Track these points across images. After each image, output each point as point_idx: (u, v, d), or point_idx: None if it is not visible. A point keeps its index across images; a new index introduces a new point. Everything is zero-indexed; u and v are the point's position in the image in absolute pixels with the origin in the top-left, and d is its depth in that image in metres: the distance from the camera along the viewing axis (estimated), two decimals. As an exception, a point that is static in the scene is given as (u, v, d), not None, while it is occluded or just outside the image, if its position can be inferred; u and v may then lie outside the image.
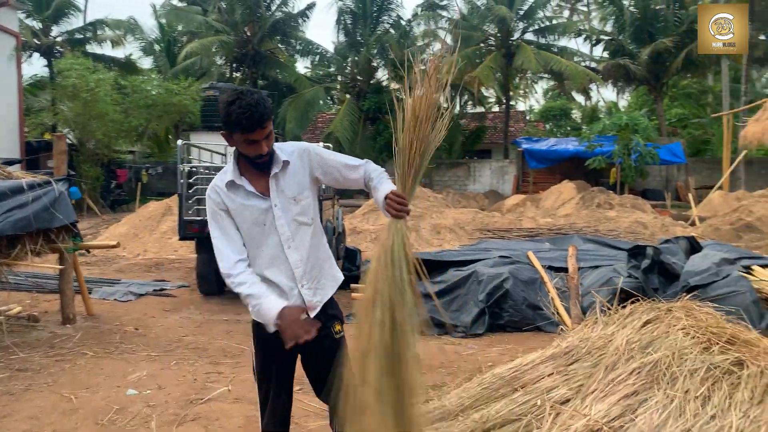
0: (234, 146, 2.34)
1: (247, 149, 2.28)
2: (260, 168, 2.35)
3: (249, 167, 2.36)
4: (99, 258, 10.31)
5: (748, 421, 2.50)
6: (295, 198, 2.38)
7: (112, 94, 18.65)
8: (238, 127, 2.22)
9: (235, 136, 2.27)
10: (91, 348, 5.37)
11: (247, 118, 2.19)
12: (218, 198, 2.35)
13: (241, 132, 2.23)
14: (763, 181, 19.76)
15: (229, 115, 2.21)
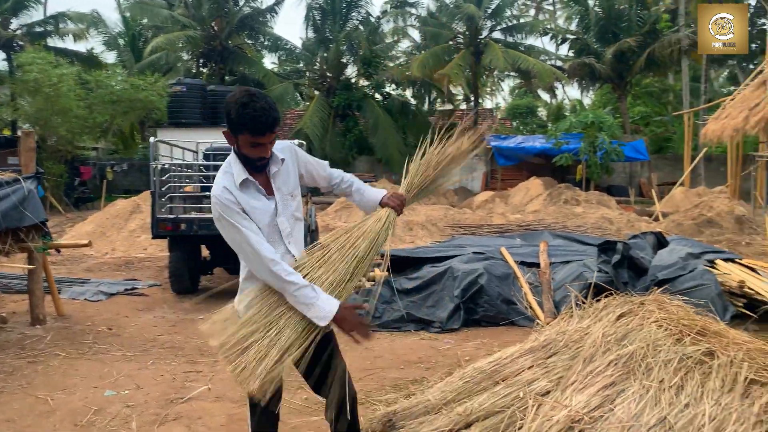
0: (234, 146, 2.34)
1: (252, 151, 2.29)
2: (259, 169, 2.38)
3: (247, 167, 2.38)
4: (66, 257, 10.10)
5: (720, 409, 2.62)
6: (291, 194, 2.46)
7: (76, 89, 18.21)
8: (249, 129, 2.22)
9: (241, 137, 2.27)
10: (63, 349, 5.28)
11: (260, 122, 2.21)
12: (233, 197, 2.31)
13: (250, 134, 2.24)
14: (722, 177, 20.38)
15: (240, 117, 2.21)
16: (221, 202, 2.30)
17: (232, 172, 2.35)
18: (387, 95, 27.34)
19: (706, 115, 19.89)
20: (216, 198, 2.31)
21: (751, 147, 18.96)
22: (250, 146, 2.28)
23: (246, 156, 2.33)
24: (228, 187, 2.32)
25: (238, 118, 2.21)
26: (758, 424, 2.57)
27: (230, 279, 8.46)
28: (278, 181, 2.42)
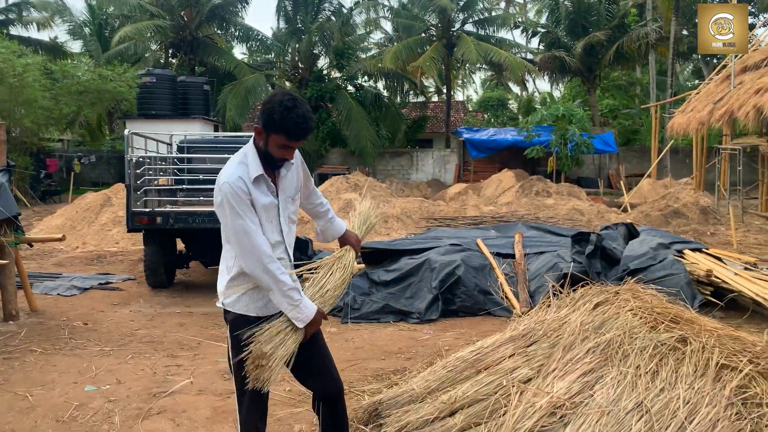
0: (261, 142, 2.37)
1: (279, 152, 2.36)
2: (273, 168, 2.43)
3: (263, 164, 2.42)
4: (36, 251, 9.89)
5: (693, 392, 2.74)
6: (292, 198, 2.53)
7: (41, 80, 17.76)
8: (287, 132, 2.30)
9: (275, 137, 2.33)
10: (39, 344, 5.21)
11: (301, 129, 2.29)
12: (245, 188, 2.33)
13: (286, 137, 2.31)
14: (688, 169, 20.92)
15: (283, 120, 2.27)
16: (233, 190, 2.31)
17: (248, 165, 2.38)
18: (360, 87, 27.28)
19: (673, 108, 20.37)
20: (229, 185, 2.32)
21: (716, 139, 19.50)
22: (279, 147, 2.35)
23: (269, 155, 2.38)
24: (243, 177, 2.35)
25: (281, 120, 2.28)
26: (729, 407, 2.70)
27: (206, 272, 8.43)
28: (284, 183, 2.49)
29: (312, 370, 2.58)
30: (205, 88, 20.96)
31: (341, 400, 2.65)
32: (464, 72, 37.87)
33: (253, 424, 2.47)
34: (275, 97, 2.33)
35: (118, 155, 24.38)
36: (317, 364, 2.58)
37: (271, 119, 2.31)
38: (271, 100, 2.33)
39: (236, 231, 2.33)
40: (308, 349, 2.55)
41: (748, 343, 3.12)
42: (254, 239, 2.33)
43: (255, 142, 2.42)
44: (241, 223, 2.32)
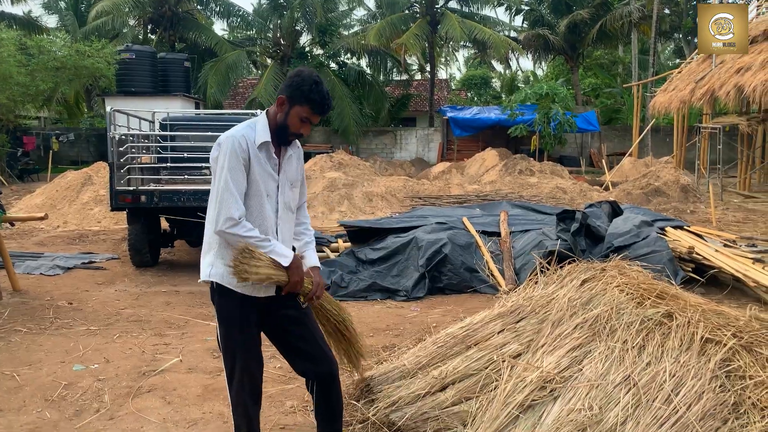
0: (281, 113, 2.39)
1: (298, 125, 2.39)
2: (285, 143, 2.44)
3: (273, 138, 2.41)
4: (16, 231, 9.74)
5: (679, 366, 2.81)
6: (292, 183, 2.52)
7: (16, 55, 17.31)
8: (313, 105, 2.34)
9: (298, 108, 2.36)
10: (23, 324, 5.16)
11: (326, 103, 2.36)
12: (246, 148, 2.33)
13: (310, 109, 2.35)
14: (668, 148, 21.12)
15: (311, 92, 2.33)
16: (232, 144, 2.32)
17: (255, 129, 2.38)
18: (343, 64, 27.01)
19: (654, 87, 20.51)
20: (231, 138, 2.33)
21: (696, 119, 19.69)
22: (300, 120, 2.38)
23: (285, 127, 2.39)
24: (247, 137, 2.35)
25: (310, 92, 2.33)
26: (714, 380, 2.77)
27: (191, 251, 8.38)
28: (286, 166, 2.49)
29: (303, 353, 2.57)
30: (185, 65, 20.60)
31: (336, 381, 2.64)
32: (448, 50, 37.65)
33: (243, 405, 2.46)
34: (304, 71, 2.39)
35: (97, 133, 23.99)
36: (309, 347, 2.57)
37: (300, 90, 2.35)
38: (300, 74, 2.38)
39: (219, 183, 2.32)
40: (298, 332, 2.55)
41: (732, 318, 3.19)
42: (231, 190, 2.30)
43: (270, 114, 2.43)
44: (225, 177, 2.31)
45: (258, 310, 2.48)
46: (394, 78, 30.98)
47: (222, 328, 2.48)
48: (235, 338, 2.47)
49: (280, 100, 2.39)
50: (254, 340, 2.51)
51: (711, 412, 2.63)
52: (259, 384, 2.55)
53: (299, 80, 2.36)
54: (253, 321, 2.48)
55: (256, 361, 2.53)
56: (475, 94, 35.53)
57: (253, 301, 2.45)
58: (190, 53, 24.24)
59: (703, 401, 2.64)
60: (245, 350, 2.47)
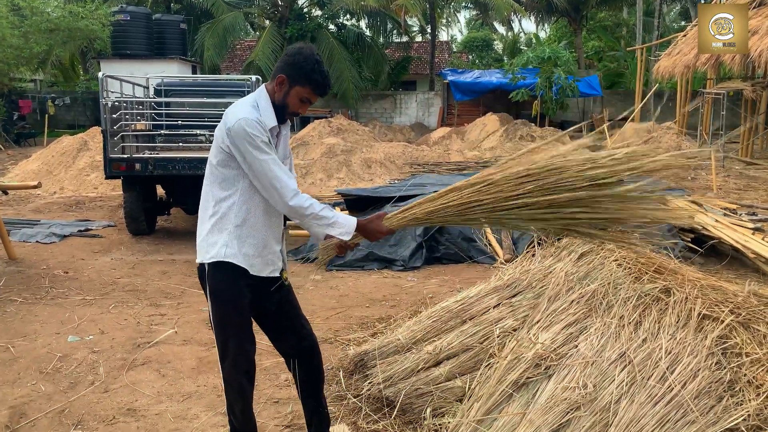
0: (280, 92, 2.33)
1: (297, 104, 2.34)
2: (282, 122, 2.39)
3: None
4: (12, 197, 9.69)
5: (675, 343, 2.78)
6: (282, 161, 2.43)
7: (8, 16, 16.97)
8: (314, 85, 2.30)
9: (298, 88, 2.31)
10: (19, 294, 5.15)
11: (326, 84, 2.32)
12: (266, 131, 2.28)
13: (311, 89, 2.31)
14: (671, 113, 20.88)
15: (313, 72, 2.28)
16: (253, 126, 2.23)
17: (260, 112, 2.30)
18: (341, 26, 26.49)
19: (659, 50, 20.14)
20: (247, 121, 2.23)
21: (700, 83, 19.40)
22: (299, 100, 2.33)
23: (284, 106, 2.34)
24: (261, 122, 2.28)
25: (311, 72, 2.28)
26: (710, 357, 2.74)
27: (188, 219, 8.34)
28: (280, 145, 2.43)
29: (288, 329, 2.55)
30: (181, 27, 20.21)
31: (317, 355, 2.62)
32: (449, 11, 36.89)
33: (238, 384, 2.43)
34: (305, 49, 2.32)
35: (93, 96, 23.67)
36: (293, 323, 2.55)
37: (301, 70, 2.28)
38: (301, 52, 2.31)
39: (263, 167, 2.24)
40: (284, 310, 2.53)
41: (730, 294, 3.16)
42: (277, 172, 2.26)
43: (269, 91, 2.35)
44: (266, 158, 2.25)
45: (250, 289, 2.44)
46: (394, 40, 30.39)
47: (216, 307, 2.42)
48: (230, 318, 2.42)
49: (280, 79, 2.31)
50: (249, 319, 2.48)
51: (706, 390, 2.61)
52: (253, 363, 2.52)
53: (301, 59, 2.28)
54: (248, 300, 2.44)
55: (250, 340, 2.49)
56: (476, 56, 34.97)
57: (248, 281, 2.40)
58: (186, 15, 23.76)
59: (699, 379, 2.62)
60: (240, 330, 2.44)
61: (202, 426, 3.04)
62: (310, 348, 2.58)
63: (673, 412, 2.48)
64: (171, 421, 3.10)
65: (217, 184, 2.36)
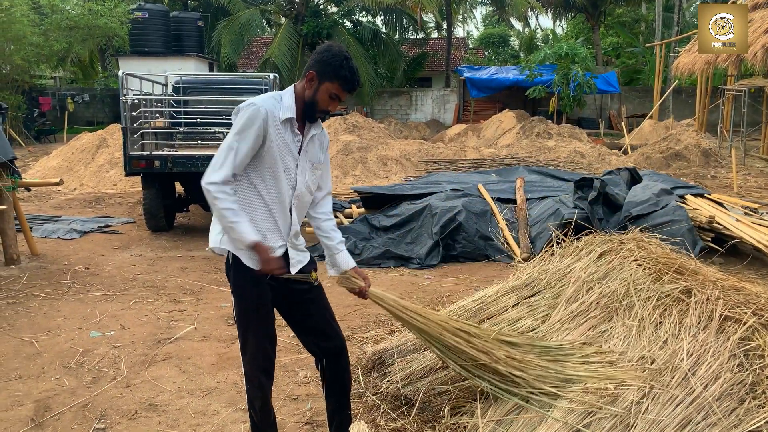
0: (309, 89, 2.34)
1: (327, 101, 2.34)
2: (312, 120, 2.39)
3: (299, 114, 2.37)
4: (33, 193, 9.83)
5: (697, 344, 2.76)
6: (313, 165, 2.45)
7: (29, 15, 17.20)
8: (343, 81, 2.31)
9: (328, 85, 2.32)
10: (42, 289, 5.23)
11: (356, 80, 2.33)
12: (266, 120, 2.26)
13: (339, 85, 2.32)
14: (690, 110, 20.64)
15: (341, 67, 2.29)
16: (252, 112, 2.25)
17: (281, 103, 2.32)
18: (357, 23, 26.49)
19: (678, 47, 19.91)
20: (251, 106, 2.26)
21: (721, 79, 19.14)
22: (329, 96, 2.34)
23: (314, 104, 2.34)
24: (269, 109, 2.28)
25: (340, 68, 2.29)
26: (732, 358, 2.72)
27: (206, 216, 8.41)
28: (309, 146, 2.43)
29: (314, 330, 2.56)
30: (198, 24, 20.35)
31: (344, 356, 2.63)
32: (465, 7, 36.74)
33: (257, 379, 2.46)
34: (333, 46, 2.34)
35: (112, 93, 23.93)
36: (319, 323, 2.55)
37: (330, 66, 2.30)
38: (330, 49, 2.33)
39: (223, 146, 2.27)
40: (309, 309, 2.53)
41: (752, 295, 3.13)
42: (226, 154, 2.25)
43: (297, 89, 2.37)
44: (234, 141, 2.25)
45: (272, 287, 2.45)
46: (410, 36, 30.33)
47: (237, 302, 2.46)
48: (249, 315, 2.45)
49: (310, 76, 2.33)
50: (268, 317, 2.49)
51: (728, 392, 2.59)
52: (272, 360, 2.54)
53: (329, 55, 2.31)
54: (268, 298, 2.46)
55: (270, 338, 2.51)
56: (492, 53, 34.77)
57: (270, 280, 2.41)
58: (203, 12, 23.92)
59: (721, 381, 2.60)
60: (259, 327, 2.46)
61: (223, 421, 3.08)
62: (337, 349, 2.58)
63: (695, 414, 2.46)
64: (192, 416, 3.14)
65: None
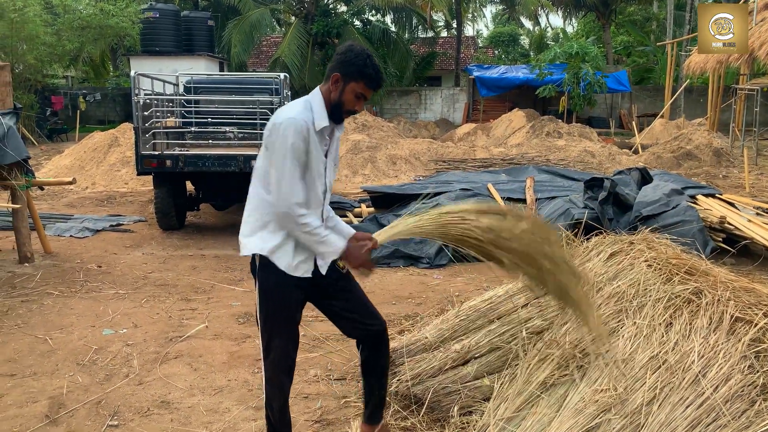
0: (335, 91, 2.36)
1: (352, 101, 2.36)
2: (339, 121, 2.42)
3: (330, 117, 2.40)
4: (46, 192, 9.92)
5: (708, 346, 2.76)
6: (335, 163, 2.49)
7: (42, 15, 17.36)
8: (368, 80, 2.32)
9: (353, 84, 2.33)
10: (55, 287, 5.29)
11: (380, 77, 2.34)
12: (307, 135, 2.29)
13: (365, 84, 2.33)
14: (701, 109, 20.50)
15: (366, 66, 2.31)
16: (296, 130, 2.26)
17: (313, 112, 2.34)
18: (367, 22, 26.51)
19: (690, 45, 19.77)
20: (293, 120, 2.27)
21: (733, 78, 18.99)
22: (355, 96, 2.35)
23: (340, 105, 2.36)
24: (308, 122, 2.30)
25: (364, 66, 2.31)
26: (743, 360, 2.71)
27: (217, 215, 8.46)
28: (332, 147, 2.46)
29: (351, 319, 2.58)
30: (209, 24, 20.47)
31: (384, 339, 2.68)
32: (475, 5, 36.68)
33: (278, 380, 2.48)
34: (355, 46, 2.36)
35: (123, 92, 24.11)
36: (357, 311, 2.58)
37: (354, 65, 2.31)
38: (352, 49, 2.35)
39: (282, 172, 2.27)
40: (344, 299, 2.55)
41: (764, 296, 3.11)
42: (292, 177, 2.28)
43: (324, 92, 2.38)
44: (288, 165, 2.27)
45: (302, 288, 2.46)
46: (420, 35, 30.32)
47: (263, 304, 2.45)
48: (275, 316, 2.45)
49: (335, 78, 2.34)
50: (294, 319, 2.50)
51: (738, 394, 2.58)
52: (293, 362, 2.55)
53: (352, 55, 2.32)
54: (295, 301, 2.47)
55: (294, 340, 2.52)
56: (502, 51, 34.68)
57: (297, 281, 2.42)
58: (213, 11, 24.03)
59: (731, 382, 2.60)
60: (284, 329, 2.47)
61: (234, 419, 3.11)
62: (379, 329, 2.62)
63: (705, 415, 2.46)
64: (203, 414, 3.17)
65: (261, 186, 2.39)
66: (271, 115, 7.73)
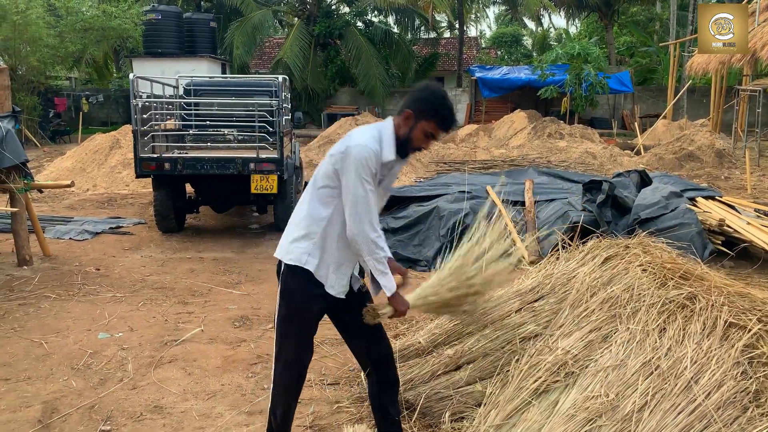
0: (407, 127, 2.36)
1: (422, 140, 2.38)
2: (403, 156, 2.43)
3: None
4: (47, 194, 9.95)
5: (701, 351, 2.74)
6: (387, 192, 2.52)
7: (45, 17, 17.40)
8: (441, 121, 2.35)
9: (425, 123, 2.34)
10: (53, 290, 5.30)
11: (452, 120, 2.38)
12: (376, 164, 2.32)
13: (436, 125, 2.35)
14: (704, 109, 20.44)
15: (441, 108, 2.33)
16: (368, 157, 2.28)
17: (382, 144, 2.35)
18: (369, 23, 26.53)
19: (693, 46, 19.69)
20: (366, 150, 2.29)
21: (735, 80, 18.93)
22: (425, 135, 2.37)
23: (408, 141, 2.37)
24: (377, 153, 2.32)
25: (440, 107, 2.33)
26: (736, 366, 2.70)
27: (216, 217, 8.46)
28: (388, 178, 2.49)
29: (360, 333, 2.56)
30: (211, 25, 20.49)
31: (393, 360, 2.70)
32: (477, 6, 36.64)
33: (286, 386, 2.48)
34: (431, 85, 2.39)
35: (126, 94, 24.14)
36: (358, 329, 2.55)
37: (428, 104, 2.33)
38: (428, 87, 2.37)
39: (357, 196, 2.29)
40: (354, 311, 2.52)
41: (758, 301, 3.09)
42: (371, 209, 2.32)
43: (395, 125, 2.39)
44: (364, 190, 2.29)
45: (324, 298, 2.45)
46: (422, 36, 30.31)
47: (283, 308, 2.46)
48: (293, 323, 2.46)
49: (407, 114, 2.36)
50: (311, 327, 2.51)
51: (731, 400, 2.57)
52: (304, 369, 2.55)
53: (428, 94, 2.34)
54: (316, 312, 2.48)
55: (308, 348, 2.53)
56: (505, 52, 34.64)
57: (321, 291, 2.43)
58: (215, 13, 24.06)
59: (724, 389, 2.58)
60: (300, 337, 2.48)
61: (226, 425, 3.10)
62: (387, 353, 2.62)
63: (697, 422, 2.44)
64: (196, 419, 3.16)
65: (317, 199, 2.41)
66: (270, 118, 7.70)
